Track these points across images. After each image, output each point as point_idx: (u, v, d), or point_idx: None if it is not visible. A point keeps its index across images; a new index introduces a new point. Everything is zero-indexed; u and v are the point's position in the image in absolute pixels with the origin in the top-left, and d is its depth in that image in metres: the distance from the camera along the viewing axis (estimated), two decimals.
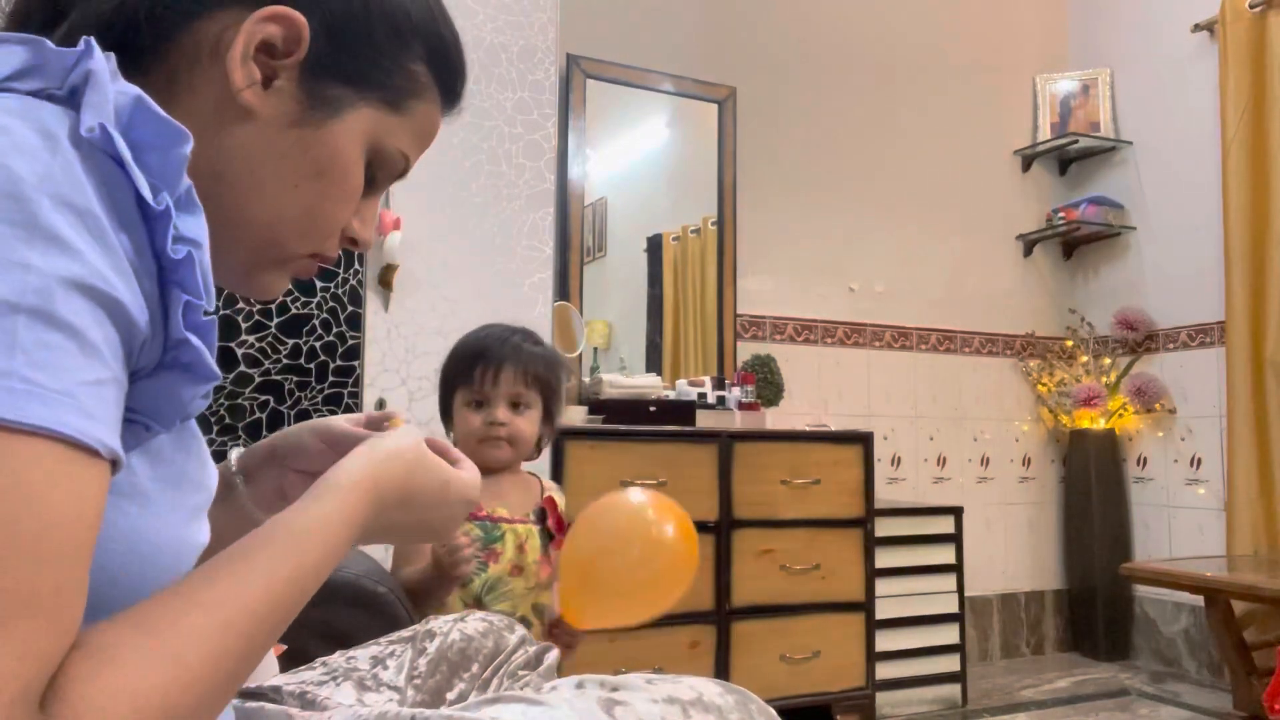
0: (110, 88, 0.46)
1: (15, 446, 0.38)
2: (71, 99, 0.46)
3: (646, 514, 1.19)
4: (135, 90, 0.47)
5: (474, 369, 1.39)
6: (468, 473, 0.70)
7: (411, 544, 1.22)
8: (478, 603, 1.33)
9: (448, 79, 0.65)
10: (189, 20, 0.55)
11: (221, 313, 2.42)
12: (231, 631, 0.46)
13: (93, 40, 0.48)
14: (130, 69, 0.53)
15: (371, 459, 0.62)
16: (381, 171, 0.63)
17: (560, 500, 1.47)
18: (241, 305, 2.44)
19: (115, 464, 0.43)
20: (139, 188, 0.45)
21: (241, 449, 0.81)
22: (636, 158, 3.12)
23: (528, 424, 1.41)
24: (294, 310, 2.48)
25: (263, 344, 2.45)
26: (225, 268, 0.60)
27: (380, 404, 2.10)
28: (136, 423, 0.49)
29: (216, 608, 0.46)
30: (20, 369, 0.39)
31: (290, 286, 2.48)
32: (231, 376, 2.41)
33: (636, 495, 1.24)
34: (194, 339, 0.48)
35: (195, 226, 0.49)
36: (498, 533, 1.37)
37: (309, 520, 0.55)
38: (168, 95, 0.55)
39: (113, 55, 0.49)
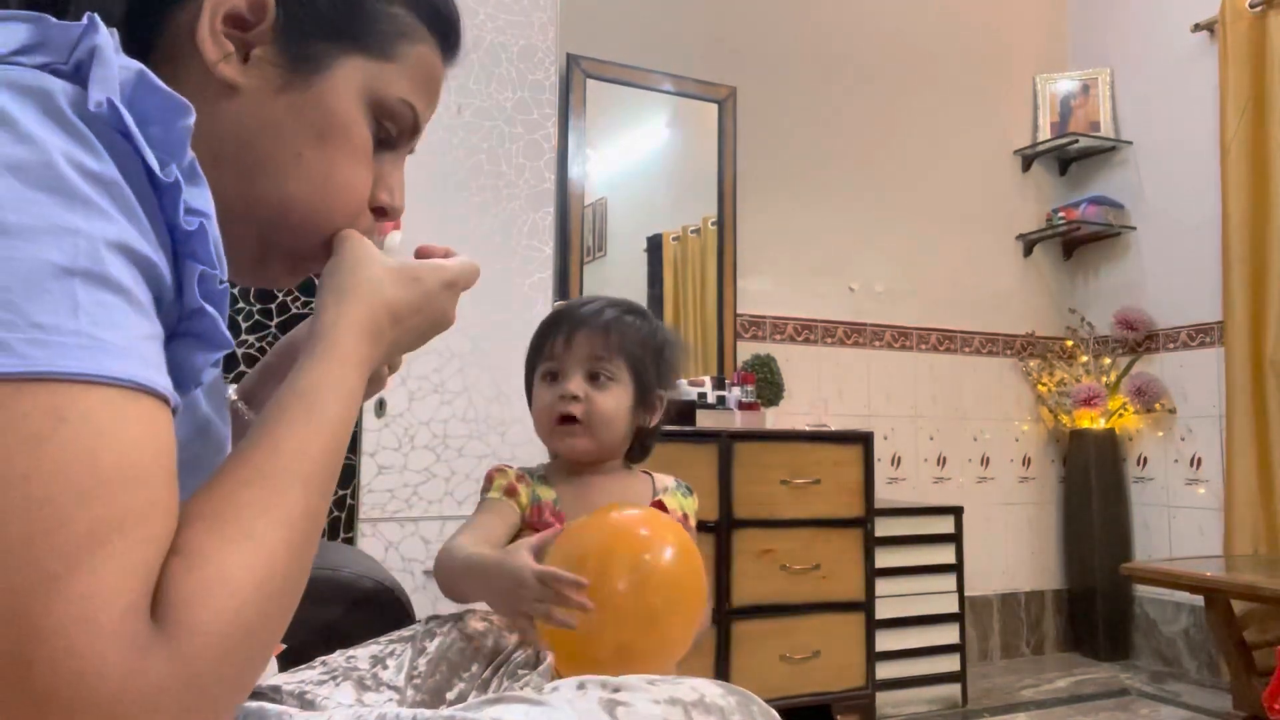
0: (115, 62, 0.47)
1: (95, 397, 0.41)
2: (77, 74, 0.47)
3: (635, 536, 0.95)
4: (138, 65, 0.48)
5: (548, 335, 1.16)
6: (441, 257, 0.68)
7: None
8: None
9: (434, 19, 0.63)
10: (166, 9, 0.56)
11: None
12: (287, 494, 0.48)
13: (96, 16, 0.48)
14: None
15: (340, 290, 0.60)
16: (392, 125, 0.62)
17: (681, 503, 1.17)
18: (242, 305, 2.44)
19: (175, 411, 0.46)
20: (148, 160, 0.46)
21: (235, 385, 0.81)
22: (636, 157, 3.12)
23: (611, 401, 1.11)
24: (294, 310, 2.48)
25: (263, 344, 2.44)
26: (235, 258, 0.60)
27: (380, 404, 2.10)
28: None
29: (263, 479, 0.48)
30: (87, 328, 0.41)
31: (291, 286, 2.48)
32: (232, 376, 2.41)
33: (625, 513, 0.99)
34: (209, 308, 0.49)
35: (202, 198, 0.49)
36: None
37: (313, 377, 0.55)
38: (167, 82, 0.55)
39: (115, 30, 0.49)
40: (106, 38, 0.47)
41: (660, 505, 1.15)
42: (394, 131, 0.63)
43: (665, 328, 1.23)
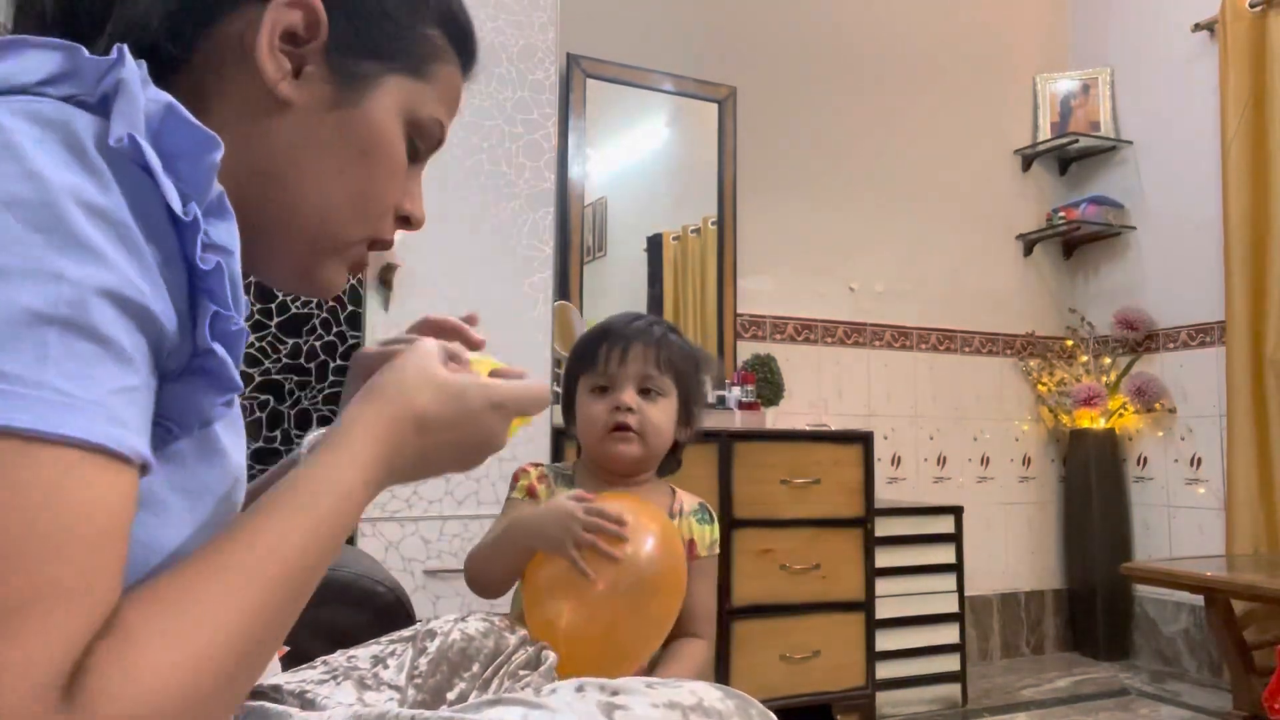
0: (141, 96, 0.46)
1: (46, 456, 0.39)
2: (102, 106, 0.46)
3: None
4: (166, 98, 0.47)
5: (599, 349, 1.19)
6: (489, 377, 0.65)
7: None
8: None
9: (462, 39, 0.65)
10: (206, 27, 0.56)
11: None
12: (246, 592, 0.46)
13: (125, 48, 0.48)
14: (160, 80, 0.53)
15: (371, 389, 0.59)
16: (422, 142, 0.64)
17: (693, 528, 1.22)
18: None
19: (145, 468, 0.44)
20: (168, 198, 0.45)
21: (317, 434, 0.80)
22: (636, 157, 3.12)
23: (661, 414, 1.18)
24: (294, 310, 2.48)
25: (263, 343, 2.45)
26: (287, 268, 0.61)
27: None
28: (161, 426, 0.49)
29: (225, 572, 0.46)
30: (52, 380, 0.39)
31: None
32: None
33: (609, 504, 1.05)
34: (219, 349, 0.48)
35: (226, 233, 0.49)
36: None
37: (318, 472, 0.53)
38: (198, 105, 0.55)
39: (143, 63, 0.49)
40: (134, 70, 0.47)
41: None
42: (422, 148, 0.64)
43: (700, 348, 1.32)
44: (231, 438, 0.60)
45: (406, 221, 0.65)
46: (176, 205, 0.46)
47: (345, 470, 0.54)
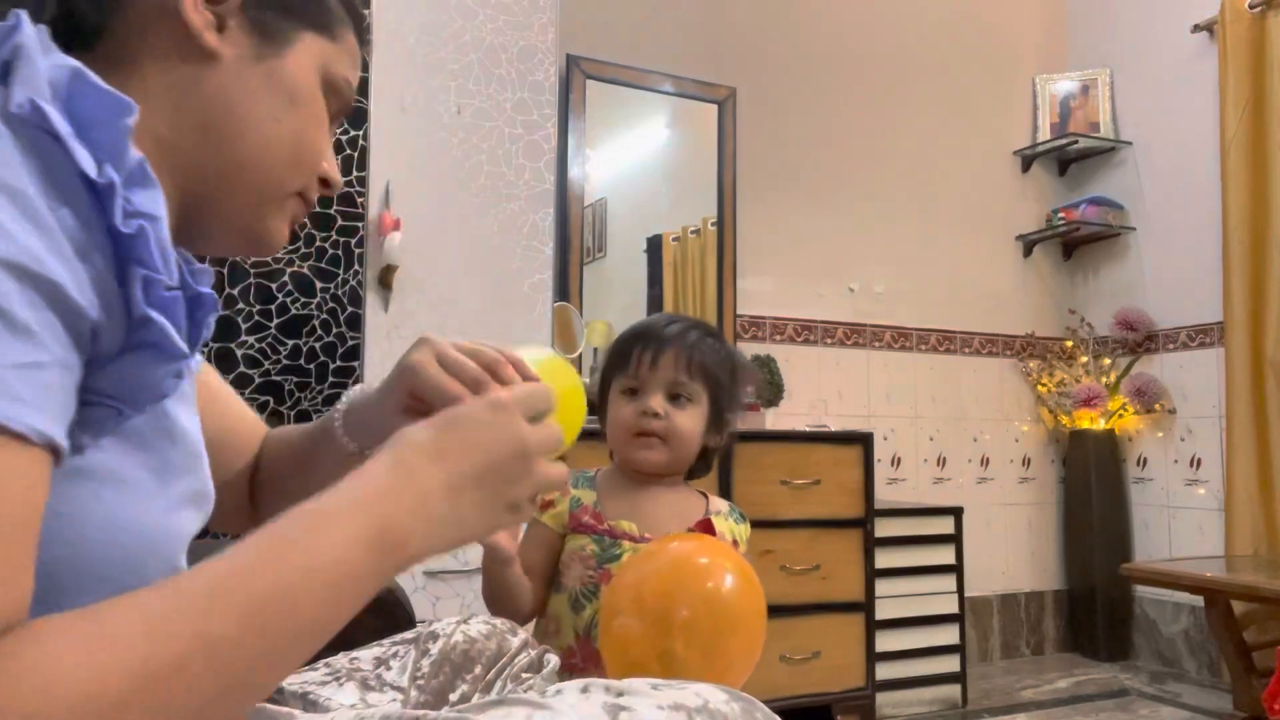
0: (41, 61, 0.45)
1: None
2: (4, 77, 0.45)
3: (695, 564, 0.98)
4: (72, 63, 0.46)
5: (632, 350, 1.17)
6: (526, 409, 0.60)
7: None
8: (587, 635, 1.10)
9: (353, 10, 0.67)
10: None
11: (221, 313, 2.42)
12: (184, 619, 0.41)
13: (23, 14, 0.47)
14: (84, 48, 0.53)
15: (369, 465, 0.54)
16: (335, 100, 0.65)
17: (732, 529, 1.21)
18: (241, 305, 2.44)
19: (57, 450, 0.42)
20: (80, 163, 0.44)
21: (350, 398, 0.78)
22: (636, 158, 3.12)
23: (688, 421, 1.16)
24: (294, 311, 2.48)
25: (263, 344, 2.44)
26: (235, 224, 0.62)
27: None
28: (107, 406, 0.48)
29: (176, 594, 0.42)
30: None
31: (290, 287, 2.48)
32: (231, 377, 2.41)
33: (684, 544, 1.01)
34: (156, 315, 0.47)
35: (149, 201, 0.47)
36: (616, 551, 1.12)
37: (320, 510, 0.50)
38: (129, 66, 0.55)
39: (44, 28, 0.48)
40: (31, 36, 0.46)
41: (708, 525, 1.17)
42: (333, 108, 0.66)
43: (739, 352, 1.29)
44: (186, 414, 0.59)
45: (325, 184, 0.66)
46: (90, 169, 0.44)
47: (347, 515, 0.50)
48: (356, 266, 2.53)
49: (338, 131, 0.71)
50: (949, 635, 2.78)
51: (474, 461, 0.56)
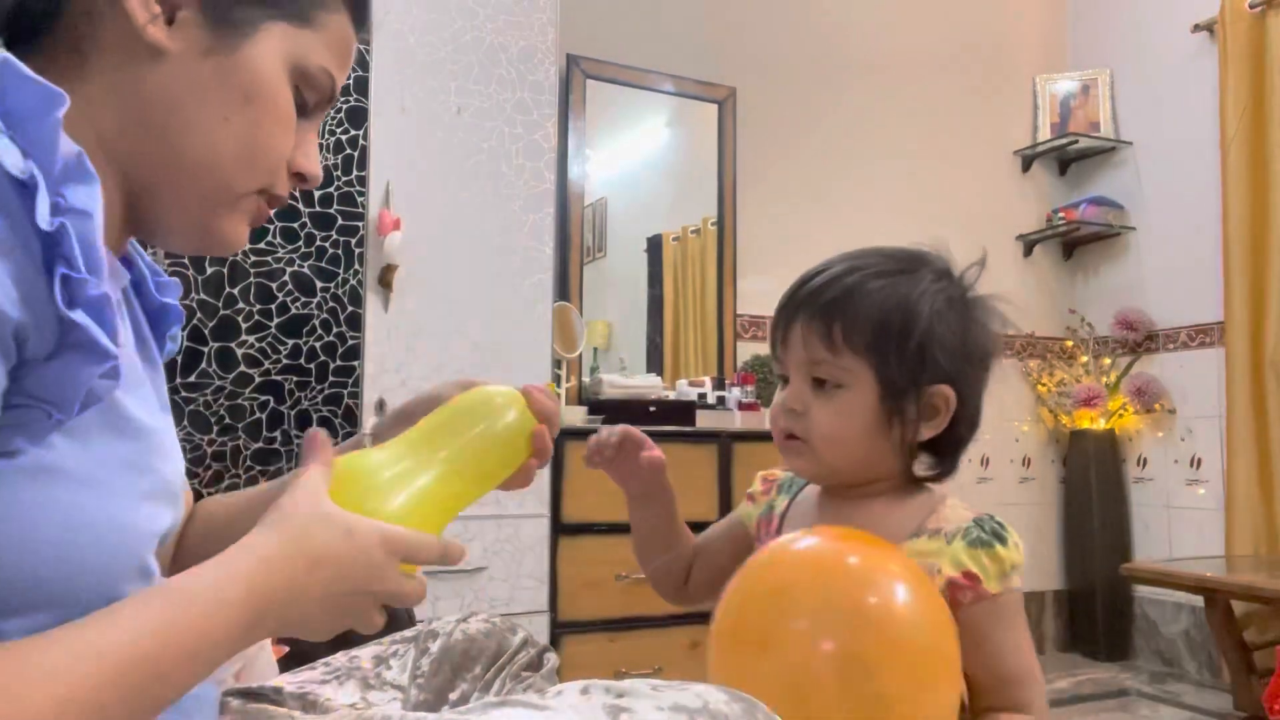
0: None
1: None
2: None
3: (841, 568, 0.72)
4: (1, 54, 0.45)
5: (775, 323, 0.91)
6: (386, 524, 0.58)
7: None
8: None
9: None
10: None
11: (222, 313, 2.42)
12: (68, 680, 0.42)
13: None
14: (32, 39, 0.52)
15: (274, 518, 0.55)
16: (311, 93, 0.62)
17: (959, 555, 0.82)
18: (241, 305, 2.44)
19: None
20: (1, 158, 0.42)
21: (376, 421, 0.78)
22: (636, 158, 3.12)
23: (830, 415, 0.85)
24: (294, 310, 2.48)
25: (263, 344, 2.44)
26: (183, 224, 0.59)
27: (380, 404, 2.10)
28: (38, 409, 0.47)
29: (65, 640, 0.43)
30: None
31: (290, 286, 2.48)
32: (232, 376, 2.41)
33: (834, 541, 0.76)
34: (78, 317, 0.45)
35: (85, 197, 0.46)
36: None
37: (200, 579, 0.50)
38: (76, 58, 0.54)
39: None
40: None
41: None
42: (312, 100, 0.63)
43: (952, 286, 0.96)
44: (147, 411, 0.57)
45: (301, 178, 0.64)
46: (12, 164, 0.43)
47: (226, 588, 0.50)
48: (356, 266, 2.53)
49: (321, 122, 0.67)
50: None
51: (336, 578, 0.55)
